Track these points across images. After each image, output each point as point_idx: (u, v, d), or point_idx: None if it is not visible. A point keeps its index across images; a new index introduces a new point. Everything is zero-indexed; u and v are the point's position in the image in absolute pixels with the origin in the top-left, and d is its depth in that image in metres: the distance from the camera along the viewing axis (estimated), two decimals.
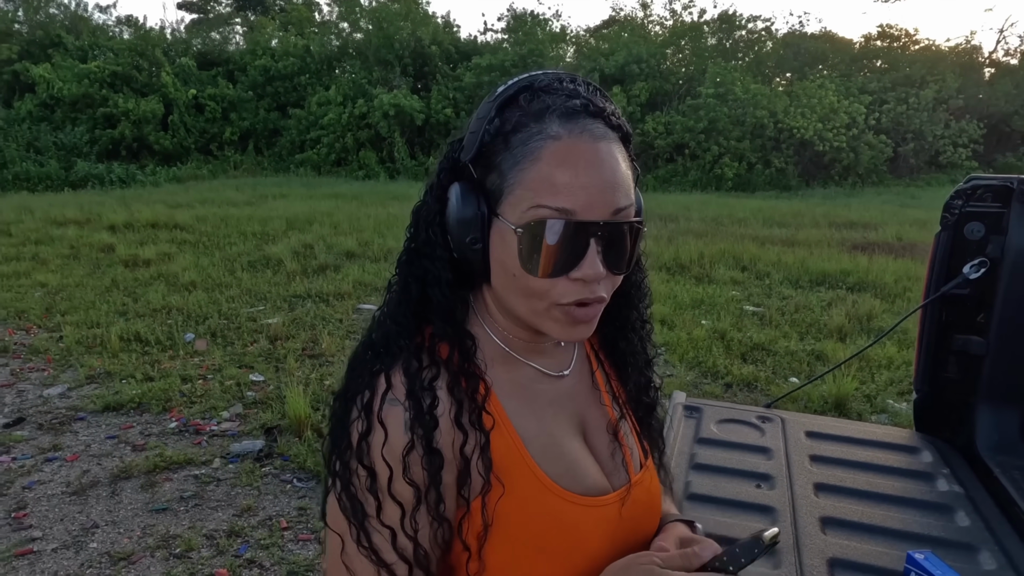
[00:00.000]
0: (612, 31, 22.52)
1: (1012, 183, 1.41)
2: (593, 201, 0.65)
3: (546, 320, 0.69)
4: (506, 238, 0.67)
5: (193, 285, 6.16)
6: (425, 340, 0.73)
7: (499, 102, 0.68)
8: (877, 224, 10.37)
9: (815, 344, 4.90)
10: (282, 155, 18.75)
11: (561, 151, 0.65)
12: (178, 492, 2.93)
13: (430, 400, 0.69)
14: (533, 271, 0.66)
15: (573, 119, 0.66)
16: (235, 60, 20.36)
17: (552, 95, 0.68)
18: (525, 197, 0.65)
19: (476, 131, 0.69)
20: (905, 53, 21.62)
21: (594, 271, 0.65)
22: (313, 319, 5.33)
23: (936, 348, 1.54)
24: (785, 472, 1.29)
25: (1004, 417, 1.44)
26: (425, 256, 0.72)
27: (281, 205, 11.25)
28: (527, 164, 0.65)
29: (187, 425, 3.57)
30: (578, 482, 0.73)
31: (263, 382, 4.12)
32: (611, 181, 0.65)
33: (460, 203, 0.69)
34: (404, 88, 18.26)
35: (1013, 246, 1.39)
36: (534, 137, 0.66)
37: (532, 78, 0.70)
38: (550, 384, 0.77)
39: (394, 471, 0.67)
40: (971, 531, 1.13)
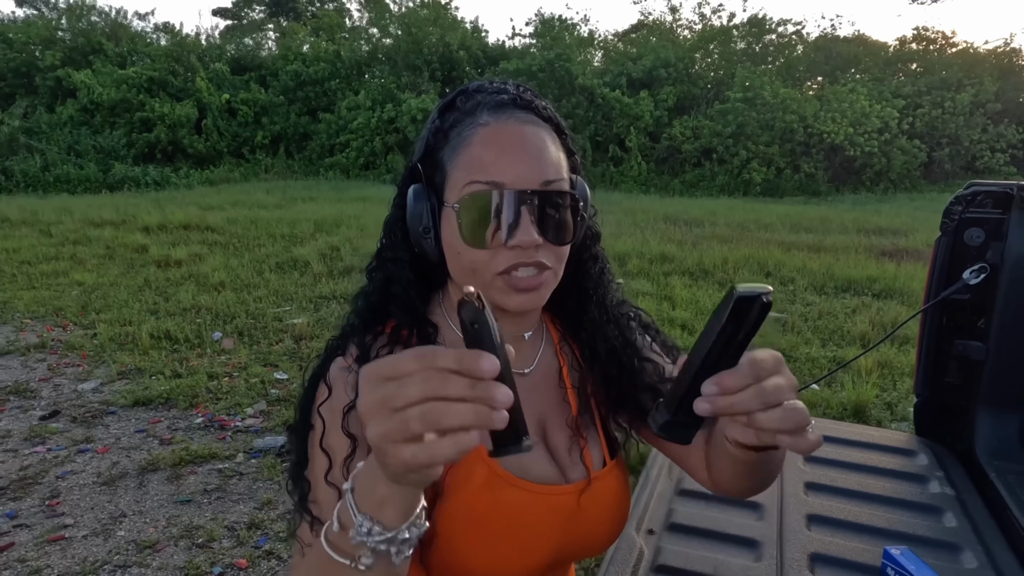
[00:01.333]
0: (640, 35, 22.46)
1: (1012, 189, 1.42)
2: (521, 174, 0.70)
3: (495, 292, 0.73)
4: (449, 220, 0.73)
5: (222, 285, 6.32)
6: (386, 329, 0.79)
7: (439, 107, 0.77)
8: (908, 230, 10.19)
9: (837, 351, 4.85)
10: (312, 159, 19.06)
11: (488, 134, 0.72)
12: (202, 485, 3.03)
13: None
14: (472, 243, 0.71)
15: (501, 109, 0.74)
16: (267, 65, 20.77)
17: (482, 93, 0.76)
18: (460, 178, 0.72)
19: (422, 136, 0.78)
20: (941, 56, 21.18)
21: (528, 237, 0.70)
22: (337, 320, 5.39)
23: (936, 353, 1.55)
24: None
25: (1003, 422, 1.44)
26: (388, 260, 0.80)
27: (310, 208, 11.45)
28: (461, 150, 0.73)
29: (212, 421, 3.67)
30: (525, 471, 0.76)
31: (287, 380, 4.22)
32: (537, 156, 0.71)
33: (413, 199, 0.75)
34: (432, 93, 18.44)
35: (1013, 252, 1.39)
36: (467, 128, 0.73)
37: (467, 85, 0.78)
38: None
39: (328, 425, 0.71)
40: (957, 531, 1.15)
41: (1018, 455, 1.42)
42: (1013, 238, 1.40)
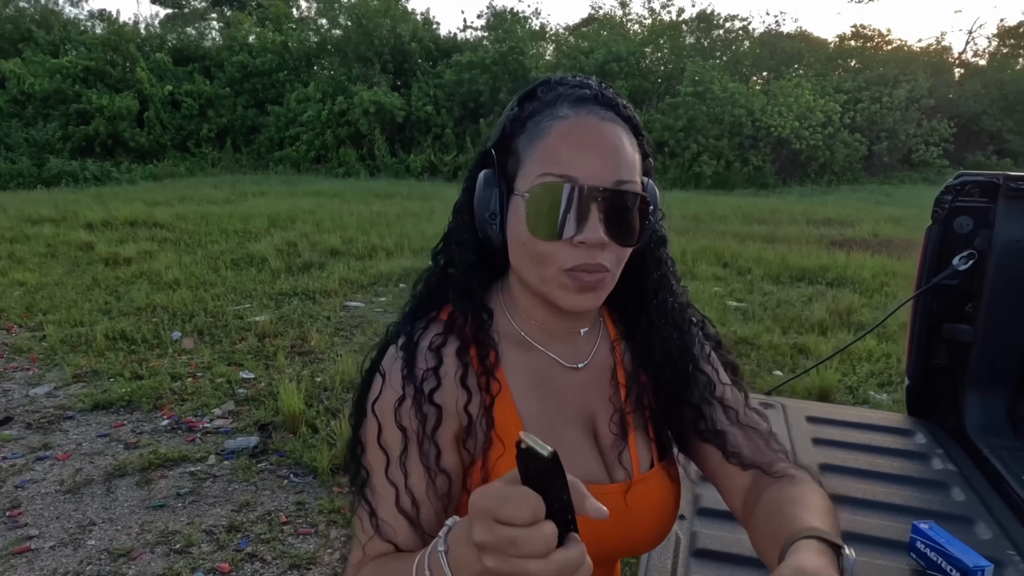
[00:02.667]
0: (591, 29, 22.64)
1: (998, 179, 1.49)
2: (595, 171, 0.70)
3: (555, 287, 0.73)
4: (518, 208, 0.73)
5: (177, 283, 6.11)
6: (440, 314, 0.79)
7: (520, 96, 0.78)
8: (853, 221, 10.58)
9: (798, 338, 5.01)
10: (261, 152, 18.58)
11: (566, 127, 0.72)
12: (174, 489, 2.93)
13: (435, 361, 0.74)
14: (539, 233, 0.71)
15: (582, 103, 0.73)
16: (212, 56, 20.12)
17: (565, 86, 0.76)
18: (534, 169, 0.72)
19: (500, 123, 0.78)
20: (878, 53, 22.04)
21: (596, 235, 0.69)
22: (300, 317, 5.32)
23: (927, 337, 1.62)
24: (791, 454, 1.35)
25: (991, 401, 1.51)
26: (453, 242, 0.79)
27: (262, 203, 11.16)
28: (537, 141, 0.72)
29: (179, 422, 3.55)
30: (570, 466, 0.73)
31: (254, 379, 4.12)
32: (613, 155, 0.71)
33: (483, 184, 0.76)
34: (384, 85, 18.19)
35: (999, 239, 1.46)
36: (545, 119, 0.73)
37: (550, 76, 0.79)
38: (562, 374, 0.81)
39: (383, 422, 0.73)
40: (967, 505, 1.20)
41: (1006, 432, 1.49)
42: (999, 225, 1.47)
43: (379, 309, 5.64)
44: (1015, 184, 1.45)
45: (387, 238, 8.08)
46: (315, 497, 2.89)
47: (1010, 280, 1.47)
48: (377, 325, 5.20)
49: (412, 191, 13.73)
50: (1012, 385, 1.53)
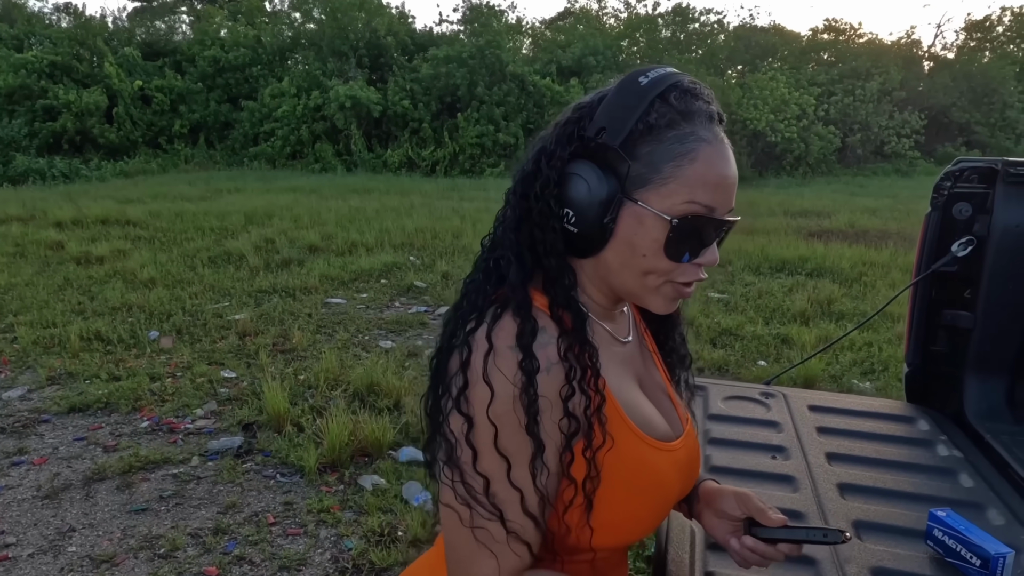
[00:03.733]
0: (568, 23, 22.61)
1: (997, 165, 1.49)
2: (726, 201, 0.74)
3: (654, 295, 0.77)
4: (646, 222, 0.73)
5: (152, 282, 5.97)
6: (533, 303, 0.75)
7: (650, 95, 0.73)
8: (830, 212, 10.71)
9: (780, 328, 5.04)
10: (235, 148, 18.28)
11: (713, 155, 0.73)
12: (157, 492, 2.86)
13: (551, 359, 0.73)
14: (674, 256, 0.74)
15: (711, 125, 0.74)
16: (183, 50, 19.73)
17: (697, 99, 0.74)
18: (680, 191, 0.72)
19: (622, 118, 0.73)
20: (851, 46, 22.33)
21: (715, 258, 0.76)
22: (281, 314, 5.23)
23: (926, 323, 1.62)
24: (797, 444, 1.34)
25: (990, 386, 1.52)
26: (537, 226, 0.75)
27: (237, 199, 10.98)
28: (685, 162, 0.72)
29: (160, 424, 3.47)
30: (654, 431, 0.80)
31: (235, 378, 4.04)
32: (736, 184, 0.76)
33: (599, 183, 0.73)
34: (360, 80, 18.00)
35: (998, 225, 1.47)
36: (688, 137, 0.72)
37: (676, 77, 0.75)
38: (620, 347, 0.85)
39: (501, 427, 0.70)
40: (976, 491, 1.20)
41: (1005, 417, 1.50)
42: (998, 211, 1.47)
43: (361, 306, 5.57)
44: (1014, 169, 1.45)
45: (367, 234, 7.99)
46: (303, 497, 2.84)
47: (1009, 266, 1.47)
48: (360, 321, 5.14)
49: (390, 186, 13.61)
50: (1011, 371, 1.54)
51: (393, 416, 3.47)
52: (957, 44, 25.95)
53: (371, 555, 2.44)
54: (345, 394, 3.77)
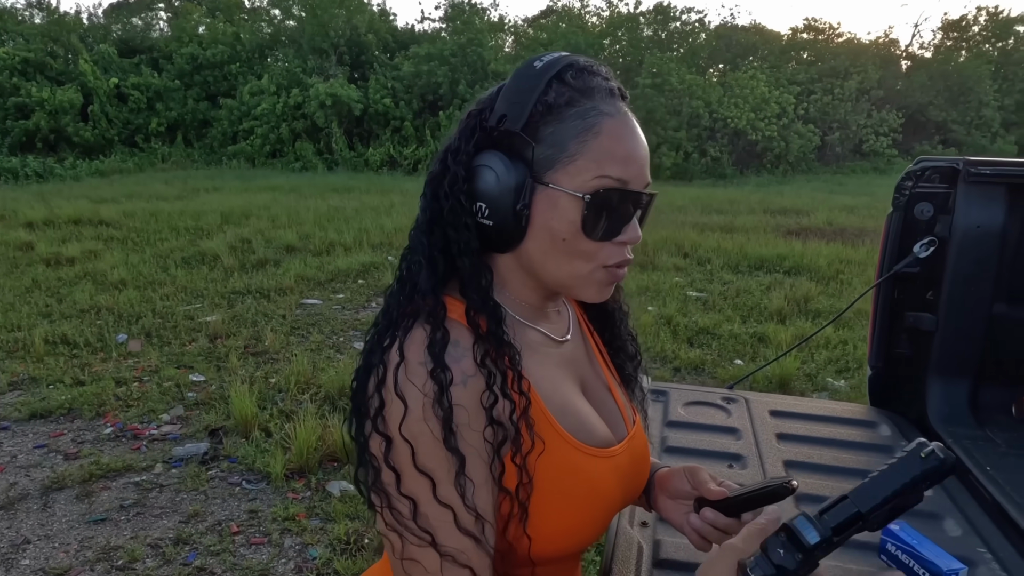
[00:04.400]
0: (550, 21, 22.58)
1: (958, 164, 1.47)
2: (639, 174, 0.72)
3: (587, 282, 0.75)
4: (560, 204, 0.71)
5: (123, 283, 5.86)
6: (446, 310, 0.72)
7: (547, 76, 0.71)
8: (808, 210, 10.77)
9: (757, 327, 5.04)
10: (213, 147, 18.06)
11: (618, 127, 0.71)
12: (117, 501, 2.78)
13: (465, 367, 0.69)
14: (593, 235, 0.71)
15: (613, 100, 0.73)
16: (160, 47, 19.46)
17: (594, 76, 0.73)
18: (588, 167, 0.70)
19: (520, 102, 0.71)
20: (829, 45, 22.50)
21: (637, 235, 0.74)
22: (254, 316, 5.15)
23: (889, 325, 1.59)
24: (755, 451, 1.31)
25: (953, 389, 1.50)
26: (450, 225, 0.73)
27: (215, 199, 10.84)
28: (589, 137, 0.70)
29: (124, 430, 3.39)
30: (591, 436, 0.77)
31: (204, 382, 3.96)
32: (647, 157, 0.74)
33: (507, 171, 0.71)
34: (341, 77, 17.84)
35: (959, 225, 1.45)
36: (590, 112, 0.71)
37: (571, 58, 0.74)
38: (555, 348, 0.81)
39: (417, 445, 0.66)
40: (934, 500, 1.17)
41: (968, 421, 1.48)
42: (959, 211, 1.45)
43: (337, 306, 5.50)
44: (975, 169, 1.43)
45: (345, 233, 7.91)
46: (268, 504, 2.78)
47: (970, 266, 1.45)
48: (335, 323, 5.07)
49: (371, 185, 13.50)
50: (973, 373, 1.52)
51: None
52: (934, 43, 26.25)
53: (336, 564, 2.39)
54: (316, 397, 3.70)
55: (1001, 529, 1.08)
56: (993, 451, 1.34)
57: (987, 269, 1.44)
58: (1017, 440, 1.41)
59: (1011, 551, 1.02)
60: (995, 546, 1.03)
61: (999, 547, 1.02)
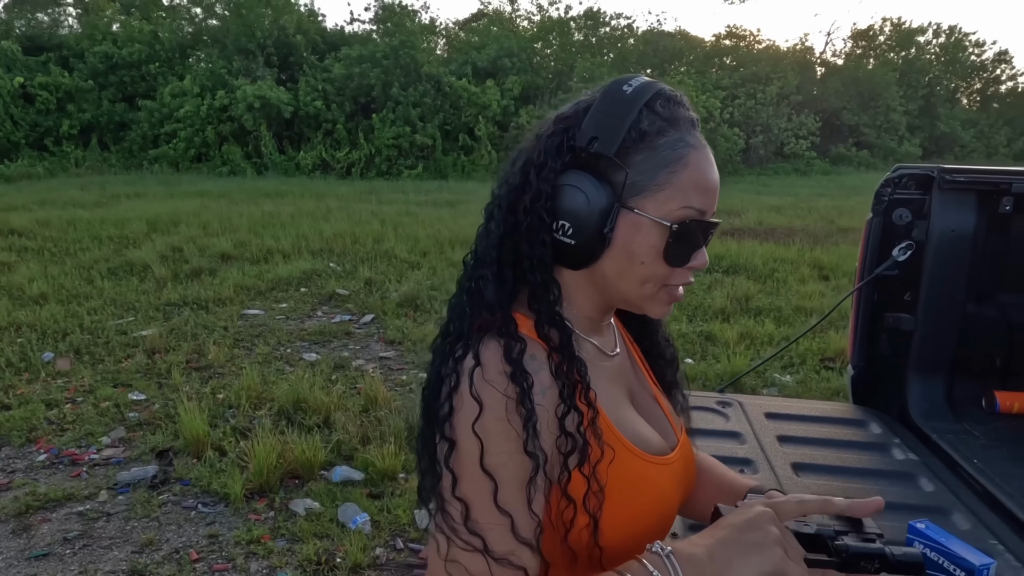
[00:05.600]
0: (481, 25, 22.59)
1: (933, 172, 1.54)
2: (713, 204, 0.77)
3: (651, 301, 0.78)
4: (643, 229, 0.74)
5: (44, 297, 5.48)
6: (515, 323, 0.74)
7: (639, 102, 0.74)
8: (739, 211, 11.16)
9: (704, 326, 5.18)
10: (132, 151, 17.15)
11: (702, 160, 0.75)
12: (60, 533, 2.59)
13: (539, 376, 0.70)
14: (671, 261, 0.74)
15: (694, 131, 0.76)
16: (69, 45, 18.33)
17: (679, 106, 0.77)
18: (675, 197, 0.73)
19: (613, 127, 0.73)
20: (751, 52, 23.44)
21: (705, 261, 0.78)
22: (194, 328, 4.91)
23: (870, 326, 1.66)
24: (762, 455, 1.33)
25: (931, 386, 1.58)
26: (525, 240, 0.74)
27: (138, 205, 10.29)
28: (679, 168, 0.74)
29: (59, 456, 3.16)
30: (648, 445, 0.79)
31: (146, 401, 3.74)
32: (718, 187, 0.78)
33: (597, 193, 0.73)
34: (269, 79, 17.28)
35: (935, 229, 1.52)
36: (679, 144, 0.74)
37: (658, 85, 0.76)
38: (607, 361, 0.83)
39: (488, 444, 0.67)
40: (937, 495, 1.22)
41: (946, 415, 1.55)
42: (935, 216, 1.52)
43: (280, 316, 5.31)
44: (948, 176, 1.50)
45: (283, 239, 7.66)
46: (229, 527, 2.65)
47: (946, 269, 1.53)
48: (280, 333, 4.89)
49: (304, 189, 13.14)
50: (949, 370, 1.60)
51: (324, 434, 3.31)
52: (845, 51, 27.79)
53: None
54: (270, 412, 3.56)
55: (1003, 520, 1.13)
56: (975, 444, 1.41)
57: (960, 271, 1.52)
58: (992, 432, 1.49)
59: (1016, 540, 1.07)
60: (1002, 537, 1.08)
61: (1006, 537, 1.08)
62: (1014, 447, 1.42)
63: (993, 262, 1.58)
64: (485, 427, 0.66)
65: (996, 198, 1.51)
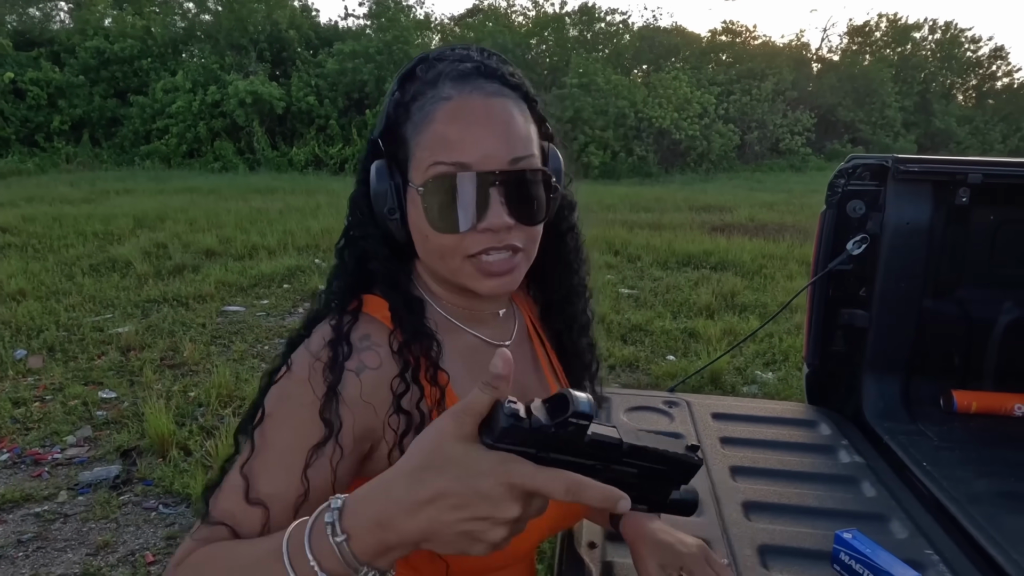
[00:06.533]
0: (476, 20, 22.50)
1: (887, 162, 1.49)
2: (488, 153, 0.66)
3: (464, 276, 0.71)
4: (415, 202, 0.69)
5: (22, 294, 5.41)
6: (363, 308, 0.73)
7: (399, 77, 0.73)
8: (731, 207, 11.11)
9: (687, 322, 5.13)
10: (124, 146, 17.06)
11: (452, 109, 0.67)
12: (14, 535, 2.53)
13: (368, 355, 0.69)
14: (440, 227, 0.68)
15: (465, 80, 0.69)
16: (61, 40, 18.21)
17: (444, 62, 0.71)
18: (424, 158, 0.67)
19: (384, 109, 0.73)
20: (747, 48, 23.39)
21: (500, 220, 0.67)
22: (171, 325, 4.85)
23: (824, 323, 1.61)
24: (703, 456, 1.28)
25: (887, 385, 1.52)
26: (359, 237, 0.74)
27: (126, 201, 10.22)
28: (424, 127, 0.68)
29: (22, 456, 3.10)
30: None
31: (115, 399, 3.68)
32: (504, 132, 0.67)
33: (376, 178, 0.71)
34: (261, 75, 17.19)
35: (890, 222, 1.47)
36: (429, 101, 0.68)
37: (427, 51, 0.74)
38: (491, 354, 0.74)
39: (293, 417, 0.66)
40: (878, 501, 1.17)
41: (902, 416, 1.50)
42: (889, 208, 1.47)
43: (261, 313, 5.25)
44: (903, 166, 1.45)
45: (269, 236, 7.59)
46: (188, 528, 2.59)
47: (900, 263, 1.47)
48: (259, 330, 4.83)
49: (296, 185, 13.07)
50: (905, 369, 1.55)
51: None
52: (841, 47, 27.71)
53: None
54: (239, 411, 3.50)
55: (944, 528, 1.08)
56: (927, 445, 1.36)
57: (916, 265, 1.47)
58: (947, 434, 1.44)
59: (955, 551, 1.02)
60: (940, 547, 1.03)
61: (944, 547, 1.03)
62: (968, 449, 1.37)
63: (952, 255, 1.52)
64: (285, 388, 0.66)
65: (952, 189, 1.46)
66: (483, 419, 0.50)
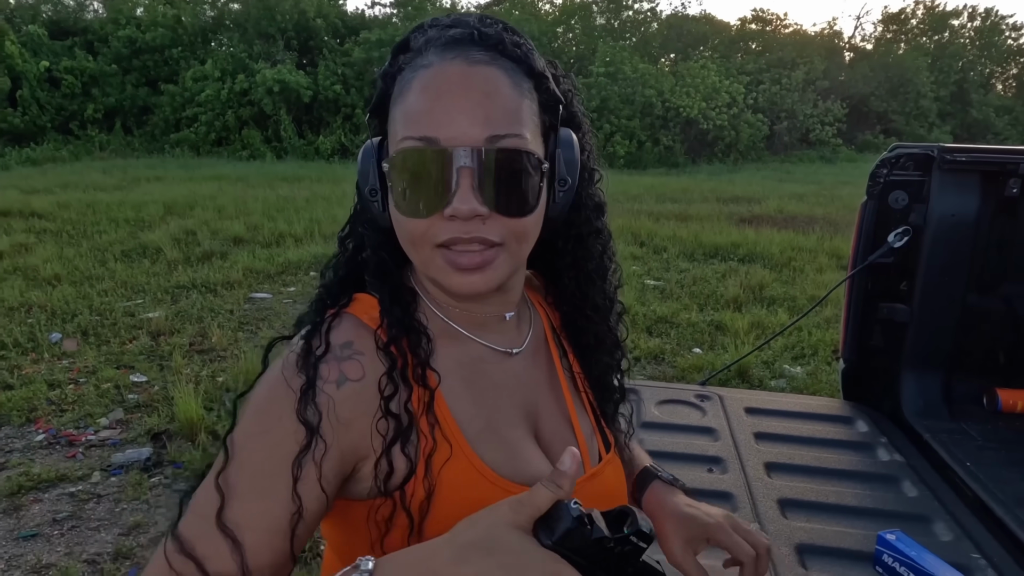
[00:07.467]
0: (503, 8, 22.37)
1: (933, 151, 1.43)
2: (461, 128, 0.57)
3: (435, 269, 0.63)
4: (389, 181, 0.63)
5: (57, 279, 5.53)
6: (352, 303, 0.68)
7: (393, 47, 0.65)
8: (759, 198, 10.94)
9: (714, 315, 5.06)
10: (155, 134, 17.31)
11: (427, 78, 0.59)
12: (50, 514, 2.59)
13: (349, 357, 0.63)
14: (404, 210, 0.61)
15: (452, 47, 0.60)
16: (94, 30, 18.51)
17: (436, 28, 0.63)
18: (396, 132, 0.61)
19: (376, 81, 0.67)
20: (777, 36, 22.94)
21: (466, 206, 0.57)
22: (200, 311, 4.92)
23: (862, 317, 1.56)
24: (734, 453, 1.26)
25: (927, 382, 1.48)
26: (359, 222, 0.70)
27: (157, 189, 10.38)
28: (400, 100, 0.61)
29: (57, 436, 3.17)
30: (517, 471, 0.65)
31: (146, 383, 3.75)
32: (481, 105, 0.58)
33: (362, 157, 0.66)
34: (288, 63, 17.29)
35: (934, 214, 1.42)
36: (410, 70, 0.61)
37: (426, 20, 0.66)
38: (497, 364, 0.71)
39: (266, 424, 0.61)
40: (921, 502, 1.14)
41: (942, 413, 1.46)
42: (934, 200, 1.42)
43: (287, 300, 5.30)
44: (950, 156, 1.40)
45: (295, 224, 7.66)
46: None
47: (944, 257, 1.42)
48: (286, 317, 4.88)
49: (322, 174, 13.16)
50: (947, 365, 1.50)
51: None
52: (875, 36, 27.08)
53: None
54: None
55: (990, 531, 1.05)
56: (970, 445, 1.32)
57: (961, 259, 1.41)
58: (991, 433, 1.40)
59: (1004, 555, 0.98)
60: (988, 550, 0.99)
61: (992, 551, 0.99)
62: (1014, 449, 1.32)
63: (998, 249, 1.47)
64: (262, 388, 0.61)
65: (1002, 180, 1.40)
66: (541, 515, 0.49)
